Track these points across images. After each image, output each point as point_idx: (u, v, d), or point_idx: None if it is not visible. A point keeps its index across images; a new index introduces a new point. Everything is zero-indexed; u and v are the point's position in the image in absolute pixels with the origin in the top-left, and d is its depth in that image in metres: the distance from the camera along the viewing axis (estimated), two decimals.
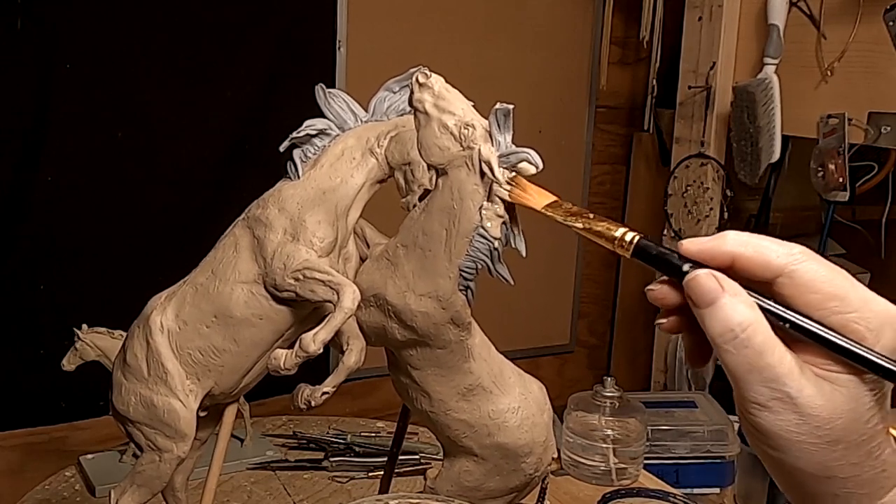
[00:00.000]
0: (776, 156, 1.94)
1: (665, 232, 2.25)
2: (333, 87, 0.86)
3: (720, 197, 2.14)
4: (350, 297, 0.76)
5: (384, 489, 1.07)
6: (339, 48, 2.02)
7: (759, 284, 0.48)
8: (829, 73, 1.84)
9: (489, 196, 0.77)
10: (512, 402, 0.92)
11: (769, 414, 0.46)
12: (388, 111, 0.86)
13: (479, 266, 0.80)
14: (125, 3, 1.79)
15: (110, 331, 1.27)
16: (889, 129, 1.73)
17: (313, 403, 0.81)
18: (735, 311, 0.46)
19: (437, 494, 0.93)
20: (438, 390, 0.89)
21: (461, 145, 0.77)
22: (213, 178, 1.91)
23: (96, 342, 1.26)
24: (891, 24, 1.66)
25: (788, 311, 0.47)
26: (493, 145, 0.77)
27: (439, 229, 0.79)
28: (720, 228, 2.14)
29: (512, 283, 0.78)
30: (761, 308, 0.47)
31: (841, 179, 1.79)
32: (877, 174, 2.02)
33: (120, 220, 1.85)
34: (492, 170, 0.75)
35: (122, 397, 0.86)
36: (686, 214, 2.20)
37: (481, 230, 0.78)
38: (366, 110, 0.86)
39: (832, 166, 1.79)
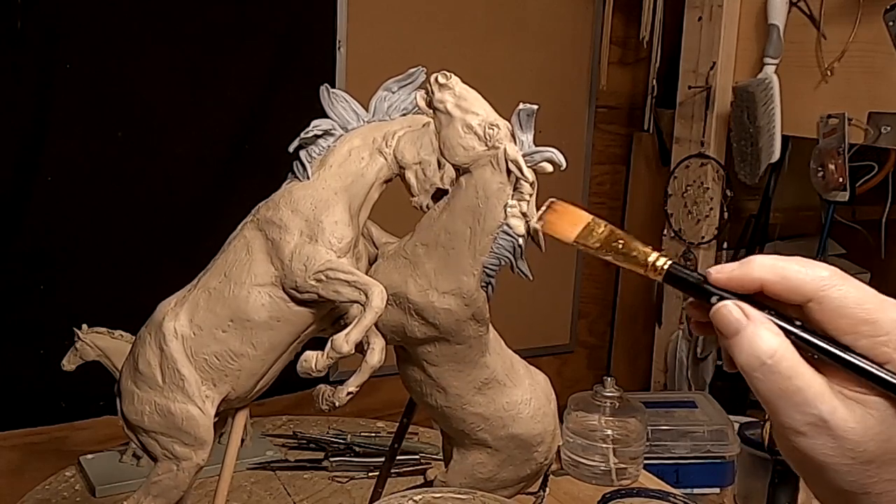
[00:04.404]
0: (776, 156, 1.94)
1: (665, 232, 2.25)
2: (333, 87, 0.86)
3: (720, 197, 2.14)
4: (379, 297, 0.76)
5: (381, 482, 1.08)
6: (339, 48, 2.02)
7: (790, 306, 0.49)
8: (829, 73, 1.84)
9: (513, 194, 0.78)
10: (524, 393, 0.94)
11: (804, 439, 0.46)
12: (390, 111, 0.86)
13: (503, 263, 0.81)
14: (125, 3, 1.79)
15: (110, 331, 1.27)
16: (889, 129, 1.73)
17: (338, 404, 0.81)
18: (760, 339, 0.47)
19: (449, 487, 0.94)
20: (455, 385, 0.90)
21: (486, 145, 0.78)
22: (214, 178, 1.91)
23: (96, 342, 1.26)
24: (891, 24, 1.66)
25: (814, 336, 0.47)
26: (516, 145, 0.78)
27: (463, 227, 0.81)
28: (720, 228, 2.15)
29: (531, 278, 0.80)
30: (787, 334, 0.48)
31: (841, 179, 1.78)
32: (877, 174, 2.02)
33: (120, 221, 1.85)
34: (520, 168, 0.77)
35: (135, 407, 0.84)
36: (686, 214, 2.20)
37: (506, 227, 0.79)
38: (366, 110, 0.87)
39: (832, 166, 1.79)
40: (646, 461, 1.43)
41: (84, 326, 1.27)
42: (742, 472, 1.59)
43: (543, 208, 0.71)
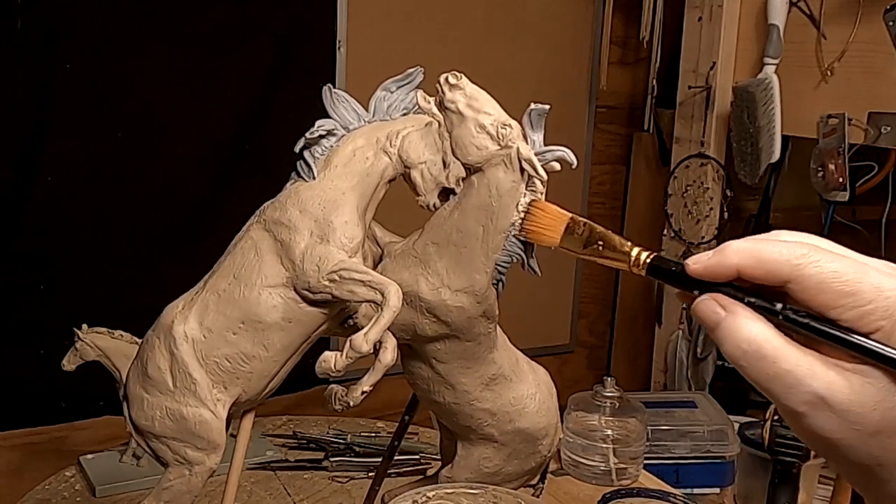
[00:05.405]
0: (776, 156, 1.94)
1: (665, 232, 2.25)
2: (334, 87, 0.87)
3: (720, 197, 2.14)
4: (396, 296, 0.76)
5: (379, 480, 1.08)
6: (339, 48, 2.02)
7: (773, 288, 0.48)
8: (829, 73, 1.84)
9: (526, 192, 0.79)
10: (529, 388, 0.96)
11: (807, 420, 0.46)
12: (390, 110, 0.87)
13: (514, 260, 0.82)
14: (125, 2, 1.79)
15: (110, 331, 1.27)
16: (889, 129, 1.73)
17: (352, 403, 0.80)
18: (739, 329, 0.47)
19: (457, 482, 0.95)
20: (464, 381, 0.91)
21: (499, 144, 0.79)
22: (214, 178, 1.91)
23: (96, 342, 1.26)
24: (891, 24, 1.66)
25: (798, 315, 0.47)
26: (528, 144, 0.80)
27: (475, 226, 0.82)
28: (720, 228, 2.14)
29: (540, 275, 0.81)
30: (770, 317, 0.47)
31: (841, 179, 1.78)
32: (877, 174, 2.02)
33: (120, 221, 1.85)
34: (534, 167, 0.78)
35: (145, 412, 0.84)
36: (686, 214, 2.20)
37: (519, 225, 0.80)
38: (366, 110, 0.87)
39: (832, 166, 1.79)
40: (646, 461, 1.43)
41: (84, 326, 1.26)
42: (742, 472, 1.59)
43: (521, 215, 0.72)
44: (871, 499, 0.49)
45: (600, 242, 0.57)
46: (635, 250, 0.55)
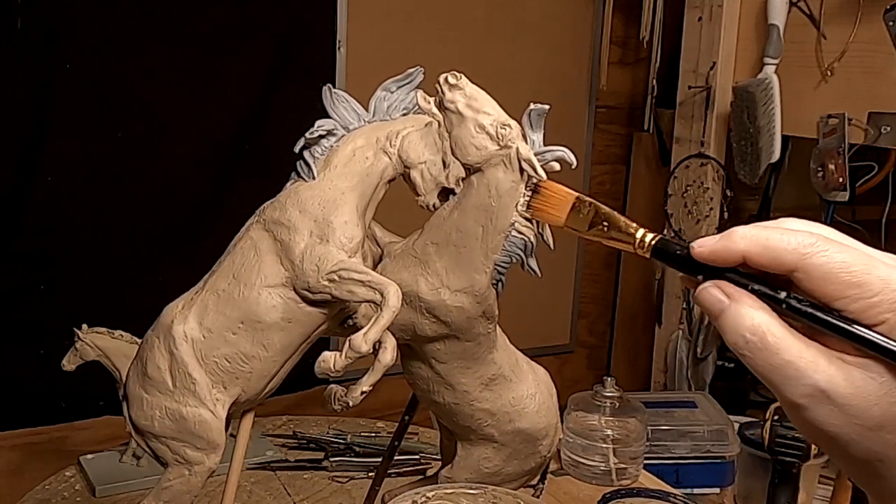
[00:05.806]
0: (776, 156, 1.94)
1: (665, 232, 2.25)
2: (334, 87, 0.87)
3: (720, 197, 2.14)
4: (395, 296, 0.76)
5: (379, 480, 1.08)
6: (339, 48, 2.02)
7: (779, 276, 0.47)
8: (829, 73, 1.84)
9: (524, 192, 0.79)
10: (529, 388, 0.96)
11: (808, 412, 0.45)
12: (390, 110, 0.87)
13: (514, 260, 0.83)
14: (125, 3, 1.79)
15: (110, 331, 1.27)
16: (889, 129, 1.73)
17: (351, 403, 0.80)
18: (743, 318, 0.46)
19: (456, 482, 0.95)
20: (463, 381, 0.91)
21: (499, 144, 0.79)
22: (213, 177, 1.92)
23: (96, 342, 1.26)
24: (891, 24, 1.66)
25: (803, 305, 0.46)
26: (527, 144, 0.80)
27: (475, 226, 0.82)
28: (720, 228, 2.14)
29: (540, 275, 0.81)
30: (775, 306, 0.47)
31: (841, 179, 1.78)
32: (877, 174, 2.02)
33: (120, 221, 1.85)
34: (534, 168, 0.78)
35: (145, 412, 0.84)
36: (686, 214, 2.20)
37: (518, 226, 0.80)
38: (366, 110, 0.87)
39: (832, 166, 1.79)
40: (646, 461, 1.43)
41: (84, 326, 1.26)
42: (742, 472, 1.59)
43: (529, 193, 0.71)
44: (873, 495, 0.49)
45: (605, 223, 0.57)
46: (640, 232, 0.54)
